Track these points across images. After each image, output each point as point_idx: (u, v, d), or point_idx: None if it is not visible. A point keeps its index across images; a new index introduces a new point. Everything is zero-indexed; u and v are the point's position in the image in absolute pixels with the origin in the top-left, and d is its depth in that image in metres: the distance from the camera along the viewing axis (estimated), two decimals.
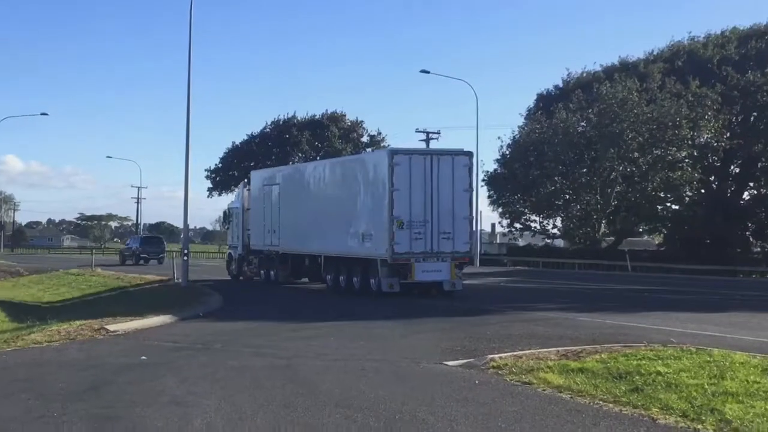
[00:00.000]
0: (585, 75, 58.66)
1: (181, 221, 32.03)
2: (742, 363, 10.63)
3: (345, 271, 25.71)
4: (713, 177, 54.02)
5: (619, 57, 58.89)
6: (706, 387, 9.19)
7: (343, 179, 26.31)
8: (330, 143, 75.09)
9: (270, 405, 8.97)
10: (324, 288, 27.46)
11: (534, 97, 63.03)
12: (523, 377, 10.32)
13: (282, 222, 29.48)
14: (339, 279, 26.12)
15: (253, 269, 32.80)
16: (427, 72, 55.69)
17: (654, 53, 56.89)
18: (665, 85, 50.82)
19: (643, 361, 10.75)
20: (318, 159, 65.28)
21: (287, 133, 76.51)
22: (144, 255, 59.72)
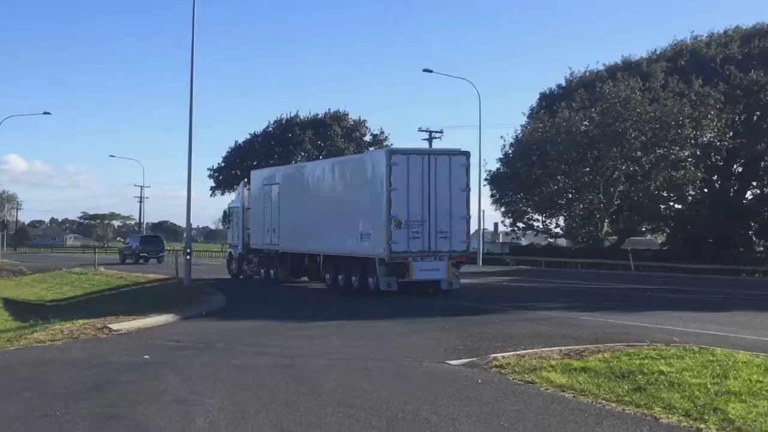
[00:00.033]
0: (588, 74, 58.61)
1: (184, 220, 32.14)
2: (745, 362, 10.61)
3: (344, 270, 25.78)
4: (716, 176, 53.95)
5: (622, 56, 58.89)
6: (708, 386, 9.17)
7: (342, 179, 26.43)
8: (333, 142, 75.12)
9: (273, 404, 8.98)
10: (323, 287, 27.48)
11: (537, 96, 63.11)
12: (526, 376, 10.31)
13: (281, 221, 29.59)
14: (338, 278, 26.17)
15: (253, 268, 32.94)
16: (430, 71, 55.71)
17: (657, 52, 56.83)
18: (668, 84, 50.76)
19: (646, 361, 10.72)
20: (321, 158, 65.40)
21: (290, 132, 76.57)
22: (144, 254, 60.14)
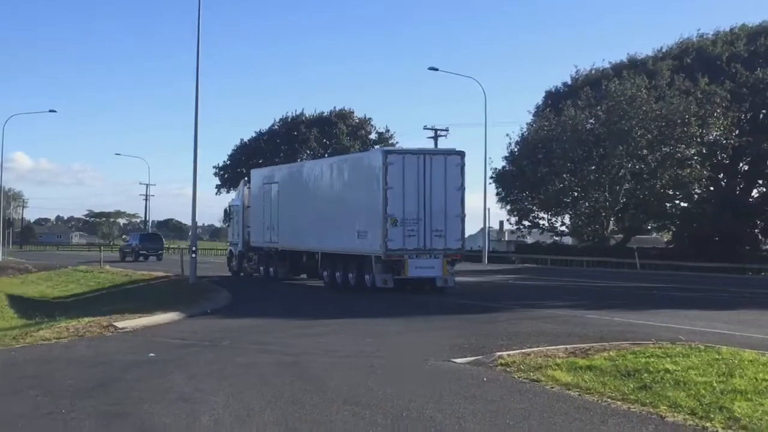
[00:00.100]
0: (593, 72, 58.54)
1: (190, 218, 32.25)
2: (750, 361, 10.58)
3: (341, 268, 26.13)
4: (722, 174, 53.85)
5: (628, 54, 58.80)
6: (714, 385, 9.14)
7: (340, 178, 26.80)
8: (338, 140, 75.15)
9: (278, 402, 8.98)
10: (322, 284, 27.66)
11: (542, 95, 63.04)
12: (531, 375, 10.29)
13: (281, 219, 29.92)
14: (335, 275, 26.49)
15: (253, 266, 33.26)
16: (436, 69, 55.67)
17: (663, 50, 56.76)
18: (674, 83, 50.68)
19: (652, 359, 10.70)
20: (326, 156, 65.48)
21: (295, 130, 76.60)
22: (143, 252, 60.76)
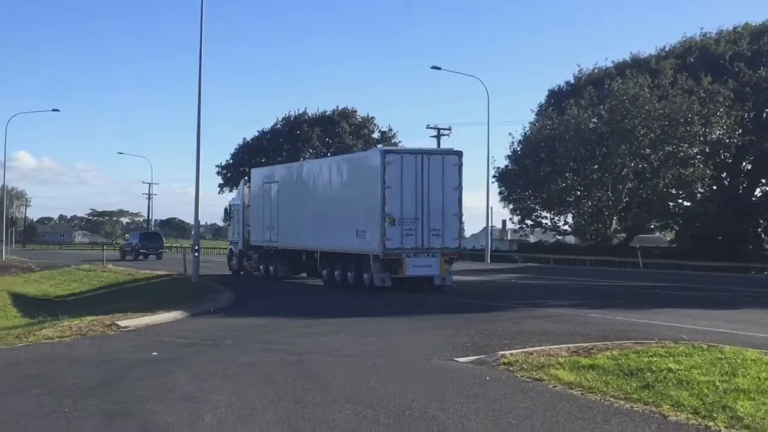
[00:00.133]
0: (596, 71, 58.46)
1: (192, 217, 32.29)
2: (753, 360, 10.58)
3: (340, 267, 26.35)
4: (725, 173, 53.77)
5: (631, 53, 58.69)
6: (717, 384, 9.14)
7: (338, 178, 27.00)
8: (341, 139, 75.12)
9: (281, 401, 8.99)
10: (321, 283, 27.78)
11: (545, 94, 62.90)
12: (534, 374, 10.29)
13: (281, 219, 30.09)
14: (334, 274, 26.71)
15: (253, 264, 33.40)
16: (439, 68, 55.58)
17: (666, 49, 56.66)
18: (677, 82, 50.60)
19: (655, 358, 10.70)
20: (329, 155, 65.51)
21: (298, 129, 76.60)
22: (143, 250, 61.36)
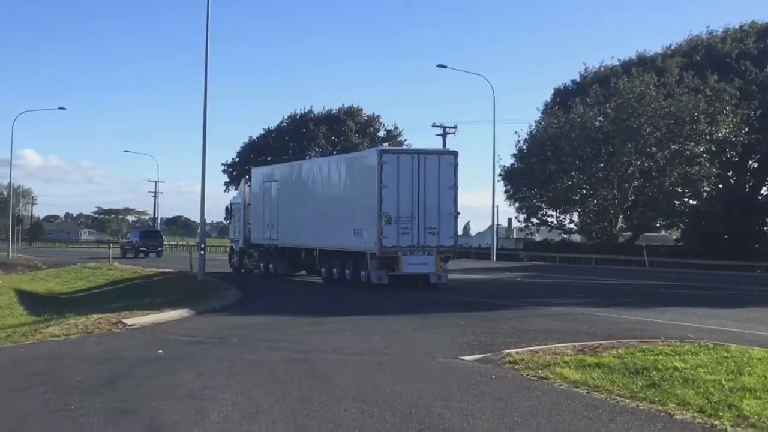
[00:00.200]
0: (602, 69, 58.42)
1: (198, 215, 32.43)
2: (759, 359, 10.55)
3: (338, 264, 26.70)
4: (731, 172, 53.69)
5: (637, 51, 58.62)
6: (723, 383, 9.13)
7: (337, 177, 27.24)
8: (347, 138, 75.15)
9: (287, 399, 8.99)
10: (320, 281, 27.99)
11: (551, 92, 62.93)
12: (540, 372, 10.29)
13: (280, 217, 30.40)
14: (332, 271, 27.04)
15: (254, 262, 33.82)
16: (444, 66, 55.55)
17: (672, 48, 56.58)
18: (683, 80, 50.53)
19: (660, 357, 10.67)
20: (335, 153, 65.58)
21: (304, 128, 76.64)
22: (143, 248, 62.10)
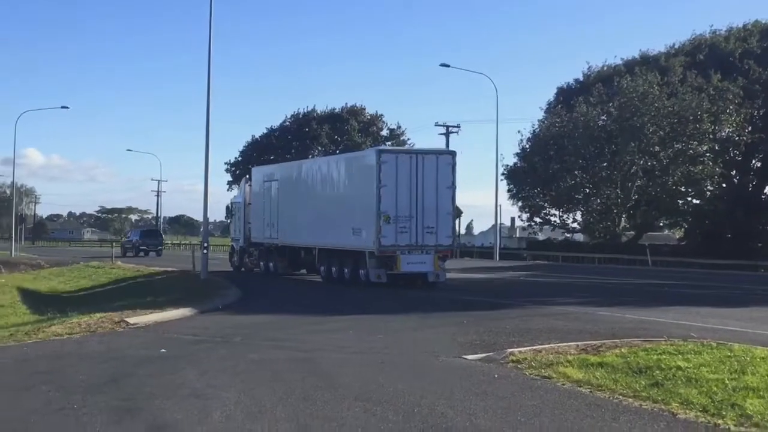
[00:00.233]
0: (606, 69, 58.38)
1: (201, 214, 32.49)
2: (763, 358, 10.54)
3: (337, 263, 26.87)
4: (734, 171, 53.63)
5: (640, 51, 58.66)
6: (726, 382, 9.11)
7: (336, 177, 27.43)
8: (350, 137, 75.14)
9: (289, 398, 8.99)
10: (320, 279, 28.11)
11: (554, 91, 62.92)
12: (543, 371, 10.28)
13: (280, 216, 30.59)
14: (332, 270, 27.22)
15: (254, 261, 34.01)
16: (448, 66, 55.51)
17: (675, 47, 56.55)
18: (686, 79, 50.48)
19: (663, 356, 10.66)
20: (338, 153, 65.59)
21: (307, 127, 76.66)
22: (143, 247, 62.66)
